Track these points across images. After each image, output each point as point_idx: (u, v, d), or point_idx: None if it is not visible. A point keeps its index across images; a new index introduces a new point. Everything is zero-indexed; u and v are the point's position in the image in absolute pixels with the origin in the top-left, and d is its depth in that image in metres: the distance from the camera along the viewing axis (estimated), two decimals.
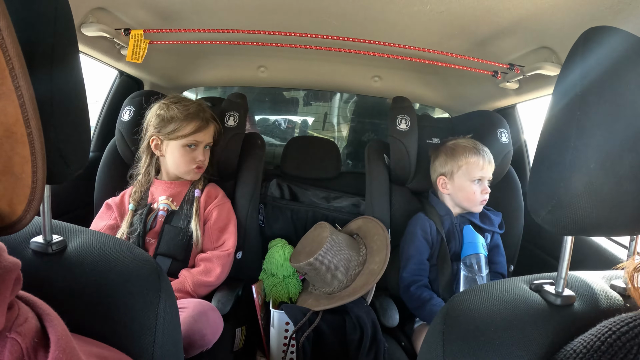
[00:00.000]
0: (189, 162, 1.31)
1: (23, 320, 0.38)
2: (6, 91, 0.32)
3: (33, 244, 0.57)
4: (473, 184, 1.34)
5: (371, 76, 1.90)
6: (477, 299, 0.55)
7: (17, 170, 0.35)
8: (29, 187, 0.37)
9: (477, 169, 1.34)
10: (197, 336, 1.04)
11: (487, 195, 1.34)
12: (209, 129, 1.33)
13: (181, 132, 1.28)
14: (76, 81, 0.53)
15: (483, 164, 1.33)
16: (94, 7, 1.11)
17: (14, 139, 0.34)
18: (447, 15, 1.04)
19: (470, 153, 1.35)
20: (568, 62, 0.50)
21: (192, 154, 1.30)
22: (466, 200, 1.37)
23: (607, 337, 0.42)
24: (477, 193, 1.34)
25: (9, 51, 0.31)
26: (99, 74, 1.67)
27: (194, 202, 1.32)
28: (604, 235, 0.57)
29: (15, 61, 0.32)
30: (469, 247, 1.33)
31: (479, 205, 1.36)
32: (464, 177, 1.36)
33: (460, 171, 1.36)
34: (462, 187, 1.37)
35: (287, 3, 1.09)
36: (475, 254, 1.31)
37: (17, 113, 0.33)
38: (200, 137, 1.30)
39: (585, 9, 0.84)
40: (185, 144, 1.29)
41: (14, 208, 0.37)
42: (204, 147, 1.32)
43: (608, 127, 0.46)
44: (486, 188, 1.35)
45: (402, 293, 1.36)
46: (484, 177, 1.34)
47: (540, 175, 0.52)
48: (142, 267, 0.59)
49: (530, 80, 1.30)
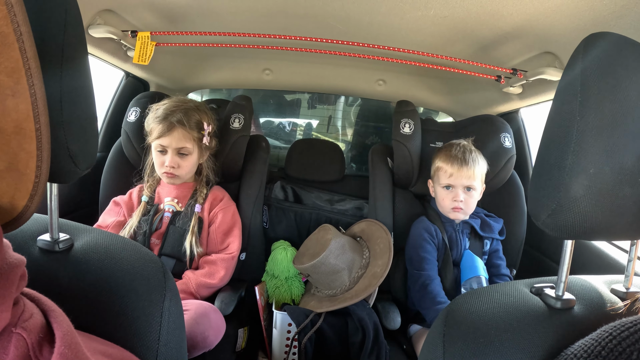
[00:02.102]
0: (159, 166, 1.29)
1: (28, 316, 0.39)
2: (20, 89, 0.34)
3: (40, 241, 0.57)
4: (443, 190, 1.33)
5: (375, 80, 1.91)
6: (478, 302, 0.56)
7: (22, 166, 0.36)
8: (32, 182, 0.38)
9: (445, 176, 1.32)
10: (200, 338, 1.04)
11: (460, 204, 1.30)
12: (173, 134, 1.25)
13: (152, 135, 1.27)
14: (84, 82, 0.54)
15: (452, 171, 1.30)
16: (101, 9, 1.12)
17: (22, 134, 0.35)
18: (450, 20, 1.05)
19: (443, 158, 1.33)
20: (569, 67, 0.51)
21: (161, 159, 1.28)
22: (439, 205, 1.37)
23: (608, 342, 0.42)
24: (445, 200, 1.33)
25: (27, 53, 0.33)
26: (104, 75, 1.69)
27: (192, 218, 1.30)
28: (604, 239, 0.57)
29: (32, 62, 0.34)
30: (469, 270, 1.30)
31: (452, 213, 1.33)
32: (437, 182, 1.36)
33: (436, 175, 1.36)
34: (436, 192, 1.38)
35: (293, 7, 1.10)
36: (476, 276, 1.28)
37: (28, 110, 0.35)
38: (165, 141, 1.25)
39: (587, 14, 0.84)
40: (155, 148, 1.28)
41: (16, 204, 0.38)
42: (175, 152, 1.26)
43: (608, 132, 0.47)
44: (457, 195, 1.30)
45: (418, 290, 1.31)
46: (452, 185, 1.31)
47: (540, 179, 0.52)
48: (148, 266, 0.60)
49: (534, 85, 1.30)
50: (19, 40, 0.32)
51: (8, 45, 0.32)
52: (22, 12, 0.32)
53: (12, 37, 0.32)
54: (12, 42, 0.32)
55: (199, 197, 1.34)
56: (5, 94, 0.33)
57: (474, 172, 1.29)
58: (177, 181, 1.32)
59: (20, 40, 0.32)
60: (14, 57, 0.32)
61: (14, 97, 0.33)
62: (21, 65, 0.33)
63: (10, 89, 0.33)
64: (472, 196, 1.32)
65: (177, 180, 1.32)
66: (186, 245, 1.26)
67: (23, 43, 0.32)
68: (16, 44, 0.32)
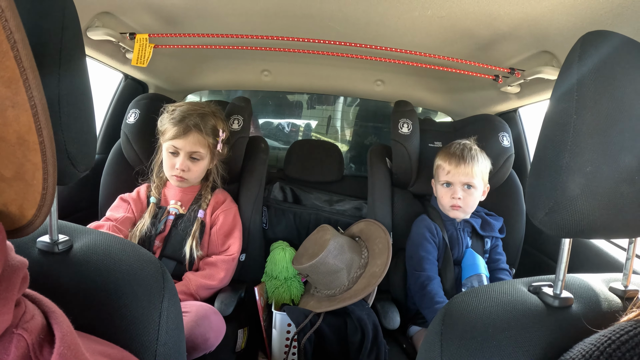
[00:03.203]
0: (169, 168, 1.29)
1: (29, 317, 0.39)
2: (20, 101, 0.33)
3: (40, 243, 0.58)
4: (442, 187, 1.34)
5: (374, 80, 1.91)
6: (476, 300, 0.56)
7: (28, 177, 0.36)
8: (39, 194, 0.37)
9: (443, 173, 1.33)
10: (200, 340, 1.04)
11: (458, 201, 1.31)
12: (188, 137, 1.25)
13: (165, 135, 1.27)
14: (83, 83, 0.54)
15: (450, 168, 1.31)
16: (100, 11, 1.12)
17: (26, 146, 0.35)
18: (448, 20, 1.05)
19: (442, 156, 1.35)
20: (566, 66, 0.51)
21: (172, 161, 1.28)
22: (440, 204, 1.38)
23: (607, 347, 0.42)
24: (444, 197, 1.34)
25: (24, 63, 0.32)
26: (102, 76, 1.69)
27: (194, 223, 1.30)
28: (602, 237, 0.57)
29: (29, 72, 0.33)
30: (470, 269, 1.31)
31: (452, 211, 1.34)
32: (436, 180, 1.38)
33: (435, 173, 1.38)
34: (436, 190, 1.39)
35: (291, 8, 1.10)
36: (477, 274, 1.29)
37: (30, 122, 0.34)
38: (179, 144, 1.25)
39: (584, 13, 0.84)
40: (167, 149, 1.28)
41: (24, 212, 0.38)
42: (187, 156, 1.27)
43: (604, 130, 0.47)
44: (455, 193, 1.31)
45: (418, 290, 1.31)
46: (451, 182, 1.32)
47: (538, 178, 0.53)
48: (147, 267, 0.60)
49: (531, 84, 1.30)
50: (14, 48, 0.31)
51: (2, 54, 0.31)
52: (15, 18, 0.30)
53: (6, 45, 0.30)
54: (6, 51, 0.31)
55: (202, 202, 1.34)
56: (5, 105, 0.32)
57: (472, 169, 1.29)
58: (184, 184, 1.33)
59: (15, 48, 0.31)
60: (9, 66, 0.31)
61: (14, 108, 0.33)
62: (18, 75, 0.32)
63: (10, 99, 0.32)
64: (472, 194, 1.31)
65: (185, 184, 1.32)
66: (186, 250, 1.27)
67: (18, 51, 0.31)
68: (11, 52, 0.31)
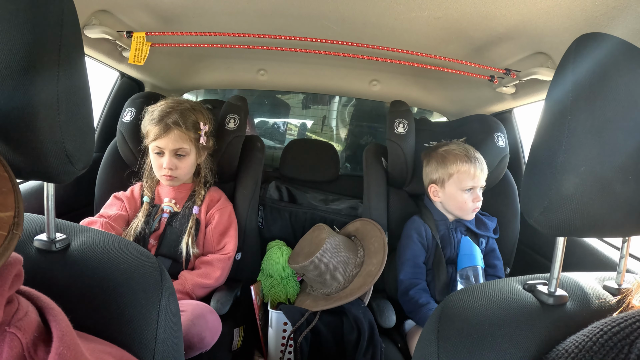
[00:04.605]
0: (157, 168, 1.28)
1: (23, 314, 0.39)
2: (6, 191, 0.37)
3: (37, 241, 0.58)
4: (464, 192, 1.33)
5: (369, 80, 1.91)
6: (472, 298, 0.56)
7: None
8: None
9: (469, 178, 1.32)
10: (196, 339, 1.04)
11: (480, 203, 1.33)
12: (169, 135, 1.24)
13: (148, 137, 1.26)
14: (82, 81, 0.54)
15: (474, 172, 1.31)
16: (97, 9, 1.11)
17: None
18: (444, 21, 1.05)
19: (462, 161, 1.33)
20: (560, 67, 0.51)
21: (159, 161, 1.27)
22: (458, 209, 1.36)
23: (599, 338, 0.43)
24: (468, 202, 1.33)
25: None
26: None
27: (189, 220, 1.30)
28: (596, 236, 0.58)
29: None
30: (466, 259, 1.30)
31: (471, 213, 1.35)
32: (454, 186, 1.34)
33: (452, 180, 1.34)
34: (454, 196, 1.35)
35: (287, 8, 1.10)
36: (472, 266, 1.28)
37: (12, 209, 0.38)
38: (162, 143, 1.24)
39: (579, 15, 0.85)
40: (152, 150, 1.27)
41: None
42: (172, 154, 1.26)
43: (599, 130, 0.48)
44: (478, 196, 1.33)
45: (400, 296, 1.35)
46: (475, 186, 1.32)
47: (532, 177, 0.53)
48: (144, 265, 0.60)
49: (527, 84, 1.31)
50: None
51: None
52: None
53: None
54: None
55: (196, 198, 1.34)
56: None
57: (485, 170, 1.34)
58: (176, 183, 1.32)
59: None
60: None
61: None
62: None
63: None
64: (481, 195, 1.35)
65: (176, 182, 1.32)
66: (182, 247, 1.26)
67: None
68: None
